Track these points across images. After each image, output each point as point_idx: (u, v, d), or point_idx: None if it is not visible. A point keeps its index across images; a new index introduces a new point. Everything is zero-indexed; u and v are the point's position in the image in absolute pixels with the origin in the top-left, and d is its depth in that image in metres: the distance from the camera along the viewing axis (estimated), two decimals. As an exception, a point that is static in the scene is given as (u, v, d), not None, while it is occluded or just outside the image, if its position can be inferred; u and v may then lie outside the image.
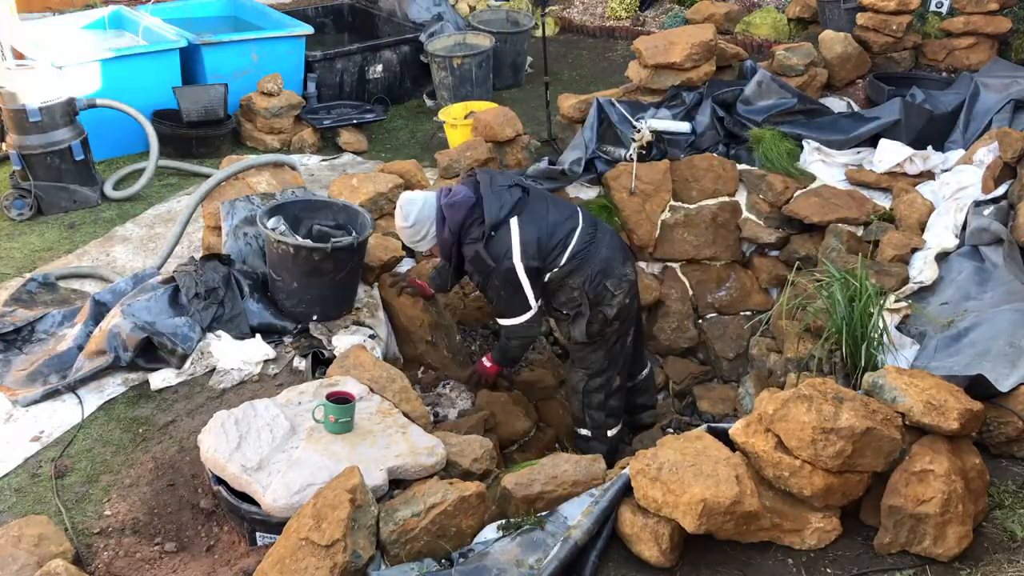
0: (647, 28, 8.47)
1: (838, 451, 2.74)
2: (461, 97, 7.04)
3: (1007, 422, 3.22)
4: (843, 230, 5.29)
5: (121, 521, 3.39)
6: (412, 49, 7.53)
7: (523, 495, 3.10)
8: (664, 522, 2.82)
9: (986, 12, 6.57)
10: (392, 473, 3.21)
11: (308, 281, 4.26)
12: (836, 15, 7.07)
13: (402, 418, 3.54)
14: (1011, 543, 2.78)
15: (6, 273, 5.07)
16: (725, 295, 5.92)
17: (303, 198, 4.64)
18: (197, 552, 3.31)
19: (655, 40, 6.40)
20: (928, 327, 4.22)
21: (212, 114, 6.50)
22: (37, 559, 2.93)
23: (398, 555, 2.88)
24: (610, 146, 6.08)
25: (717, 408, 5.35)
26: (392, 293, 4.73)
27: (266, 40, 6.90)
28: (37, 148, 5.59)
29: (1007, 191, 4.81)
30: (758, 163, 5.91)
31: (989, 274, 4.45)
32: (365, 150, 6.77)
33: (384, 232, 5.20)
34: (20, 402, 3.94)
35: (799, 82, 6.39)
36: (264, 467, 3.21)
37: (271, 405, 3.51)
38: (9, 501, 3.46)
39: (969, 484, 2.83)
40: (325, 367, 4.03)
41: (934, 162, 5.59)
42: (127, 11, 7.22)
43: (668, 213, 5.94)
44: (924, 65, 6.86)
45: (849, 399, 2.84)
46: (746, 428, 2.95)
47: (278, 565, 2.78)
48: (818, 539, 2.87)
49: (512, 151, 6.12)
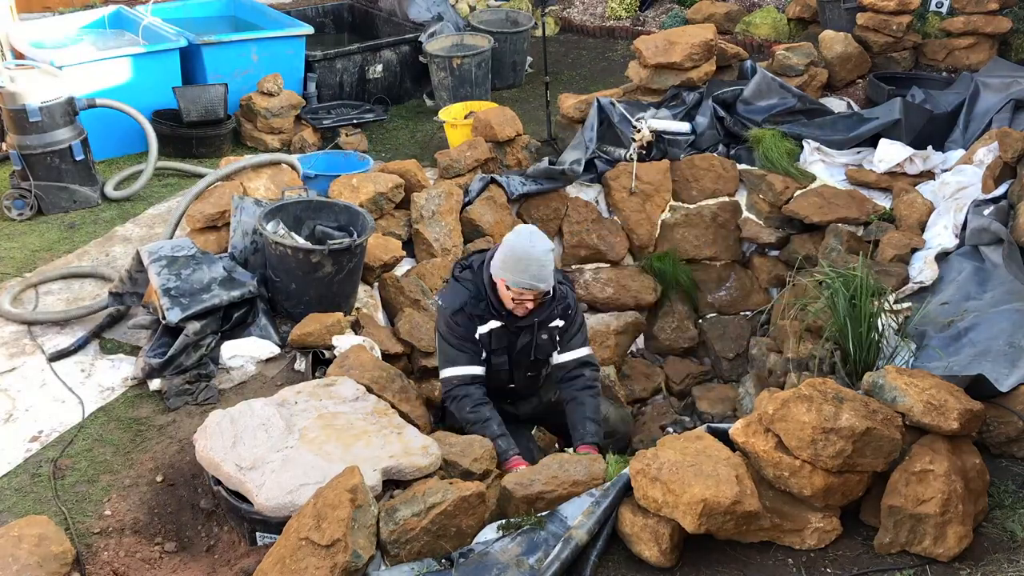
0: (647, 28, 8.47)
1: (838, 451, 2.74)
2: (460, 97, 7.04)
3: (1007, 422, 3.22)
4: (843, 230, 5.29)
5: (121, 521, 3.39)
6: (412, 49, 7.53)
7: (523, 495, 3.10)
8: (664, 522, 2.82)
9: (986, 12, 6.57)
10: (386, 473, 3.21)
11: (307, 282, 4.27)
12: (836, 15, 7.07)
13: (397, 418, 3.54)
14: (1011, 543, 2.78)
15: (6, 273, 5.07)
16: (725, 295, 5.92)
17: (304, 199, 4.64)
18: (197, 552, 3.31)
19: (655, 40, 6.40)
20: (928, 327, 4.22)
21: (212, 114, 6.50)
22: (37, 559, 2.93)
23: (398, 555, 2.88)
24: (610, 146, 6.08)
25: (717, 408, 5.35)
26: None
27: (266, 40, 6.90)
28: (37, 148, 5.58)
29: (1007, 191, 4.81)
30: (758, 163, 5.91)
31: (989, 274, 4.45)
32: (365, 150, 6.77)
33: (384, 232, 5.21)
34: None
35: (799, 82, 6.39)
36: (258, 466, 3.21)
37: (267, 405, 3.51)
38: (9, 501, 3.46)
39: (969, 484, 2.83)
40: (326, 367, 4.04)
41: (934, 162, 5.59)
42: (127, 11, 7.21)
43: (668, 213, 5.94)
44: (924, 65, 6.87)
45: (849, 399, 2.84)
46: (746, 428, 2.95)
47: (278, 565, 2.78)
48: (818, 539, 2.87)
49: (512, 151, 6.12)
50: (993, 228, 4.56)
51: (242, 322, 4.30)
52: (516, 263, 3.57)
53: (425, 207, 5.41)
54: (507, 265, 3.60)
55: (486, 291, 3.73)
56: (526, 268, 3.56)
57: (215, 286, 4.24)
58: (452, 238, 5.48)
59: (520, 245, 3.59)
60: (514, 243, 3.61)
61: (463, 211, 5.61)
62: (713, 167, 5.89)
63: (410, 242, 5.41)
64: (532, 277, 3.57)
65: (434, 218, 5.41)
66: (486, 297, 3.73)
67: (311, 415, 3.48)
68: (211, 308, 4.16)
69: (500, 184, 5.78)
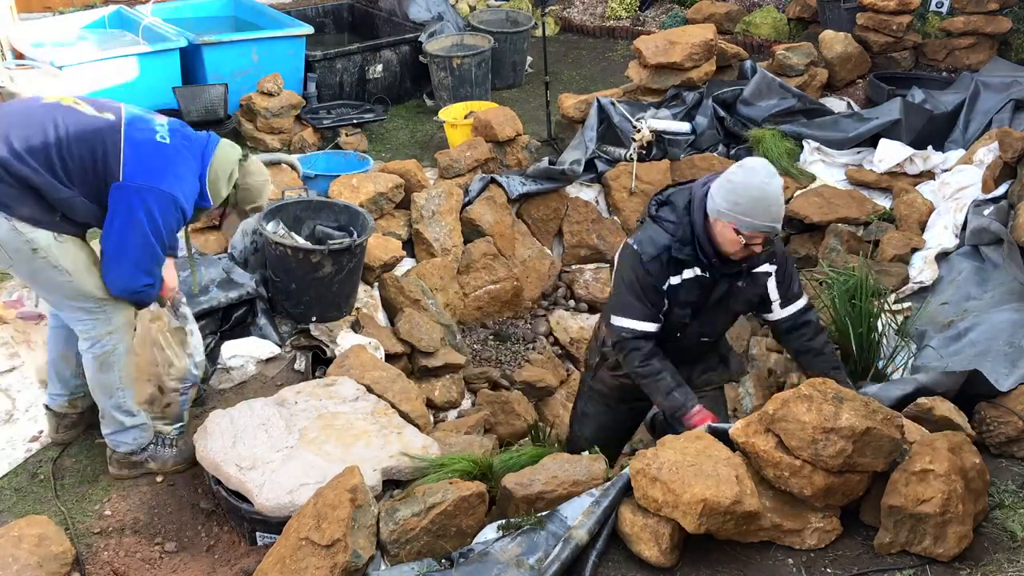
0: (647, 28, 8.47)
1: (839, 451, 2.74)
2: (460, 97, 7.04)
3: (1007, 422, 3.22)
4: (843, 230, 5.29)
5: (121, 521, 3.39)
6: (412, 49, 7.53)
7: (523, 495, 3.09)
8: (664, 522, 2.82)
9: (986, 12, 6.58)
10: (386, 473, 3.21)
11: (306, 282, 4.27)
12: (836, 15, 7.07)
13: (397, 418, 3.54)
14: (1011, 543, 2.78)
15: (6, 273, 5.07)
16: (725, 295, 5.91)
17: (304, 198, 4.64)
18: (197, 552, 3.31)
19: (655, 40, 6.40)
20: (928, 327, 4.22)
21: (212, 114, 6.50)
22: (37, 559, 2.93)
23: (398, 555, 2.88)
24: (610, 146, 6.09)
25: (717, 408, 5.34)
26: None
27: (266, 40, 6.89)
28: (37, 148, 5.58)
29: (1007, 191, 4.81)
30: (758, 163, 5.90)
31: (989, 274, 4.45)
32: (365, 150, 6.76)
33: (384, 232, 5.21)
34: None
35: (799, 82, 6.40)
36: (258, 466, 3.21)
37: (267, 404, 3.51)
38: (9, 501, 3.46)
39: (969, 484, 2.82)
40: (326, 367, 4.04)
41: (934, 162, 5.59)
42: (127, 11, 7.21)
43: (668, 213, 5.93)
44: (924, 65, 6.87)
45: (849, 399, 2.83)
46: (746, 428, 2.95)
47: (278, 565, 2.78)
48: (818, 539, 2.86)
49: (512, 151, 6.12)
50: (993, 228, 4.56)
51: (242, 322, 4.30)
52: (755, 204, 3.08)
53: (425, 207, 5.41)
54: (741, 206, 3.10)
55: (694, 234, 3.25)
56: (767, 210, 3.09)
57: (213, 288, 4.25)
58: (452, 238, 5.48)
59: (756, 184, 3.09)
60: (747, 181, 3.10)
61: (463, 211, 5.62)
62: (713, 167, 5.89)
63: (410, 242, 5.42)
64: (773, 219, 3.10)
65: (434, 218, 5.41)
66: (692, 241, 3.26)
67: (311, 415, 3.49)
68: (208, 310, 4.16)
69: (500, 184, 5.78)
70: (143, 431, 3.51)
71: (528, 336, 5.65)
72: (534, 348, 5.54)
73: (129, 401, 3.43)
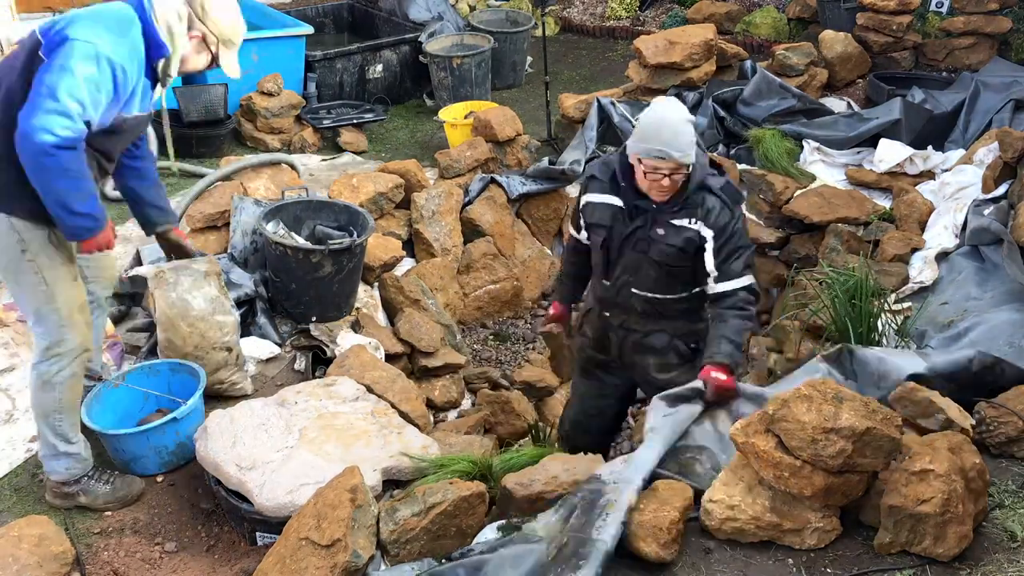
0: (647, 28, 8.48)
1: (839, 451, 2.74)
2: (460, 97, 7.04)
3: (1007, 422, 3.22)
4: (843, 230, 5.28)
5: (121, 521, 3.39)
6: (412, 49, 7.53)
7: (523, 495, 3.09)
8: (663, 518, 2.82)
9: (986, 12, 6.58)
10: (386, 473, 3.21)
11: (306, 282, 4.27)
12: (836, 15, 7.08)
13: (397, 418, 3.54)
14: (1011, 543, 2.78)
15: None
16: (725, 295, 5.91)
17: (304, 198, 4.64)
18: (197, 552, 3.31)
19: (655, 40, 6.41)
20: (928, 327, 4.22)
21: (212, 114, 6.50)
22: (37, 559, 2.93)
23: (398, 555, 2.88)
24: (610, 146, 6.08)
25: (717, 408, 5.34)
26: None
27: (266, 40, 6.89)
28: (37, 148, 5.58)
29: (1007, 191, 4.81)
30: (758, 163, 5.91)
31: (989, 274, 4.45)
32: (365, 150, 6.77)
33: (384, 232, 5.21)
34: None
35: (799, 82, 6.40)
36: (258, 466, 3.21)
37: (267, 404, 3.51)
38: (9, 501, 3.46)
39: (969, 484, 2.82)
40: (326, 367, 4.04)
41: (934, 162, 5.59)
42: (127, 11, 7.21)
43: (668, 213, 5.93)
44: (924, 65, 6.87)
45: (849, 399, 2.83)
46: (746, 428, 2.95)
47: (278, 565, 2.78)
48: (818, 539, 2.86)
49: (512, 151, 6.12)
50: (993, 228, 4.56)
51: (242, 322, 4.29)
52: (648, 128, 3.17)
53: (425, 207, 5.41)
54: (638, 133, 3.20)
55: (618, 163, 3.39)
56: (657, 133, 3.14)
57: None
58: (452, 238, 5.49)
59: (654, 111, 3.21)
60: (649, 111, 3.24)
61: (463, 211, 5.62)
62: (713, 167, 5.89)
63: (410, 242, 5.42)
64: (664, 143, 3.12)
65: (434, 218, 5.42)
66: (613, 168, 3.41)
67: (311, 415, 3.48)
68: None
69: (500, 184, 5.78)
70: (77, 461, 3.36)
71: (528, 336, 5.65)
72: (534, 348, 5.54)
73: (66, 426, 3.31)
